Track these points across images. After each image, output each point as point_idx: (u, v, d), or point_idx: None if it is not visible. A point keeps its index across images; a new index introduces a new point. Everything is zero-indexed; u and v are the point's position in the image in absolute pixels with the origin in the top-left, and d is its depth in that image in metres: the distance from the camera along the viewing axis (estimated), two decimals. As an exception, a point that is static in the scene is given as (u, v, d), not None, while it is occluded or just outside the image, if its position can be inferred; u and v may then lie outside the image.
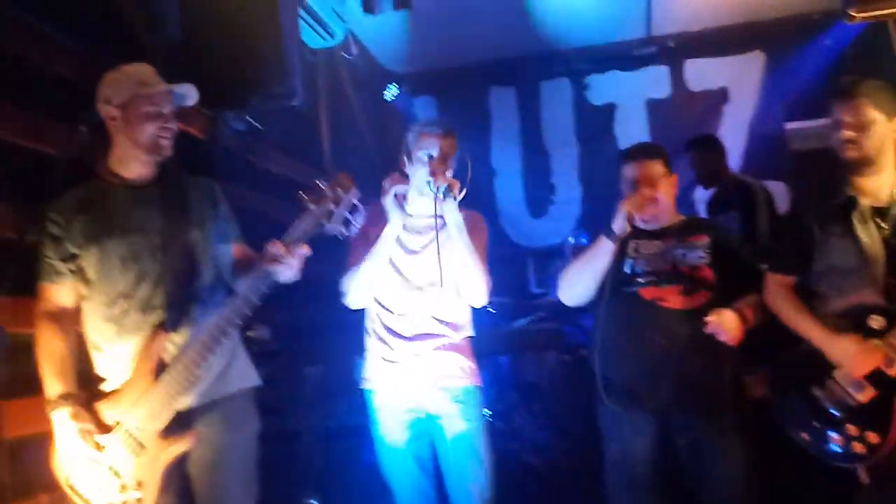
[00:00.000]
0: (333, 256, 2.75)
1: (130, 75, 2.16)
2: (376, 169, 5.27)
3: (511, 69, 5.63)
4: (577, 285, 2.52)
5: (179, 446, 2.04)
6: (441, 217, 2.40)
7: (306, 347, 2.63)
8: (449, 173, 2.44)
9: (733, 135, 5.25)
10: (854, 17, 2.92)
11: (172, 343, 2.08)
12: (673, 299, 2.37)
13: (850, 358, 2.04)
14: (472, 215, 2.57)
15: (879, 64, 4.24)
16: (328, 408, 2.84)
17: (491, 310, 4.87)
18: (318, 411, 2.80)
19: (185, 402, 2.08)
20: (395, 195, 2.43)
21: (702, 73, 5.38)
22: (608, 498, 2.47)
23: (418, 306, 2.44)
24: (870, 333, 2.04)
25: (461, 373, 2.45)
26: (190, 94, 2.24)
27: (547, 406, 4.19)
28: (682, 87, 5.42)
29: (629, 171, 2.51)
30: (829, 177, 2.28)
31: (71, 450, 1.99)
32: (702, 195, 4.63)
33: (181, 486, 2.12)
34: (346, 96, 4.91)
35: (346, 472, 2.72)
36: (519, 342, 4.35)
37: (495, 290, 4.99)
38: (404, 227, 2.47)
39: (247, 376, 2.27)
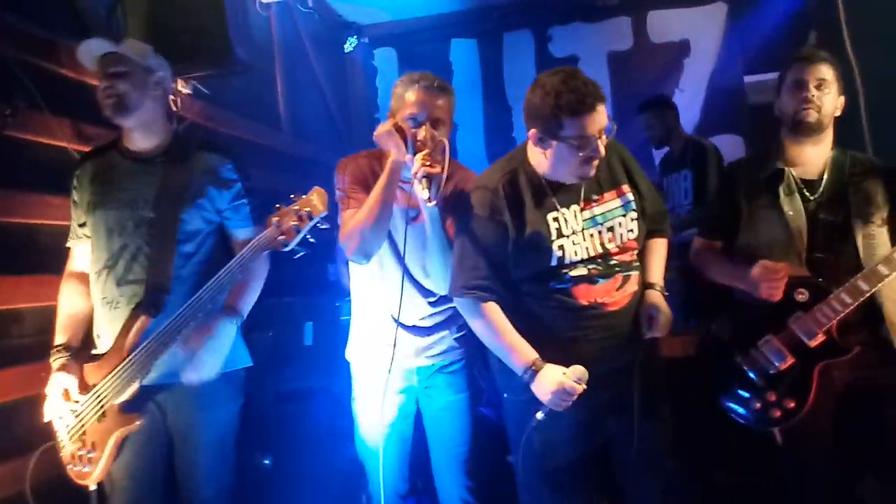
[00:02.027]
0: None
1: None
2: (335, 123, 5.24)
3: (473, 20, 5.52)
4: None
5: (129, 427, 2.11)
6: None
7: (256, 314, 2.67)
8: (439, 154, 2.09)
9: (693, 88, 5.25)
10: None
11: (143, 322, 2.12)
12: (609, 300, 2.06)
13: (762, 280, 2.08)
14: (460, 181, 2.26)
15: (837, 19, 4.21)
16: (279, 372, 2.93)
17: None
18: (268, 376, 2.88)
19: (160, 379, 2.15)
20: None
21: (664, 24, 5.31)
22: (528, 492, 2.20)
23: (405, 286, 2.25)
24: (795, 306, 2.11)
25: (449, 346, 2.35)
26: (95, 46, 2.21)
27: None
28: (645, 39, 5.36)
29: (592, 123, 1.93)
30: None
31: (51, 396, 2.13)
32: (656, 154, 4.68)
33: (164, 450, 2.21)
34: (303, 50, 4.81)
35: (296, 432, 2.81)
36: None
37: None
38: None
39: (231, 358, 2.25)
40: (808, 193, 2.16)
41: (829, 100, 2.14)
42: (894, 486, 2.07)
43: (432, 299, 2.34)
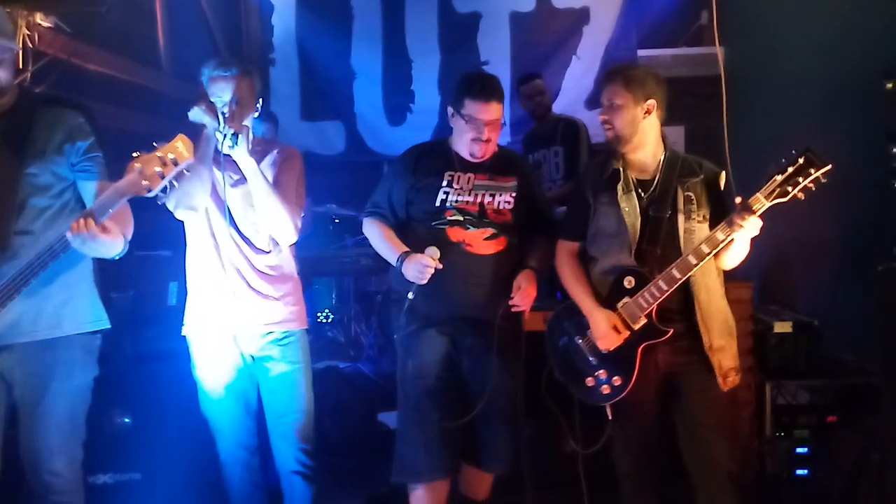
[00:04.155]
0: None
1: None
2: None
3: (377, -35, 5.38)
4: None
5: None
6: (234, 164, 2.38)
7: (118, 272, 2.60)
8: (248, 119, 2.40)
9: (589, 56, 5.38)
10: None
11: None
12: (477, 245, 2.52)
13: (601, 333, 2.32)
14: (285, 150, 2.60)
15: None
16: (140, 332, 2.87)
17: (336, 220, 4.94)
18: (127, 335, 2.83)
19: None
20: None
21: (567, -11, 5.37)
22: (401, 409, 2.60)
23: (238, 251, 2.47)
24: (624, 292, 2.31)
25: (283, 317, 2.51)
26: None
27: (382, 317, 4.41)
28: (547, 3, 5.40)
29: (483, 111, 2.47)
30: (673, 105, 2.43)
31: None
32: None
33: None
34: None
35: (156, 392, 2.78)
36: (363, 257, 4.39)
37: (347, 201, 4.98)
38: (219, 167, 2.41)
39: (87, 319, 2.21)
40: (642, 192, 2.37)
41: (619, 117, 2.33)
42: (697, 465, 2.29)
43: (265, 259, 2.51)
